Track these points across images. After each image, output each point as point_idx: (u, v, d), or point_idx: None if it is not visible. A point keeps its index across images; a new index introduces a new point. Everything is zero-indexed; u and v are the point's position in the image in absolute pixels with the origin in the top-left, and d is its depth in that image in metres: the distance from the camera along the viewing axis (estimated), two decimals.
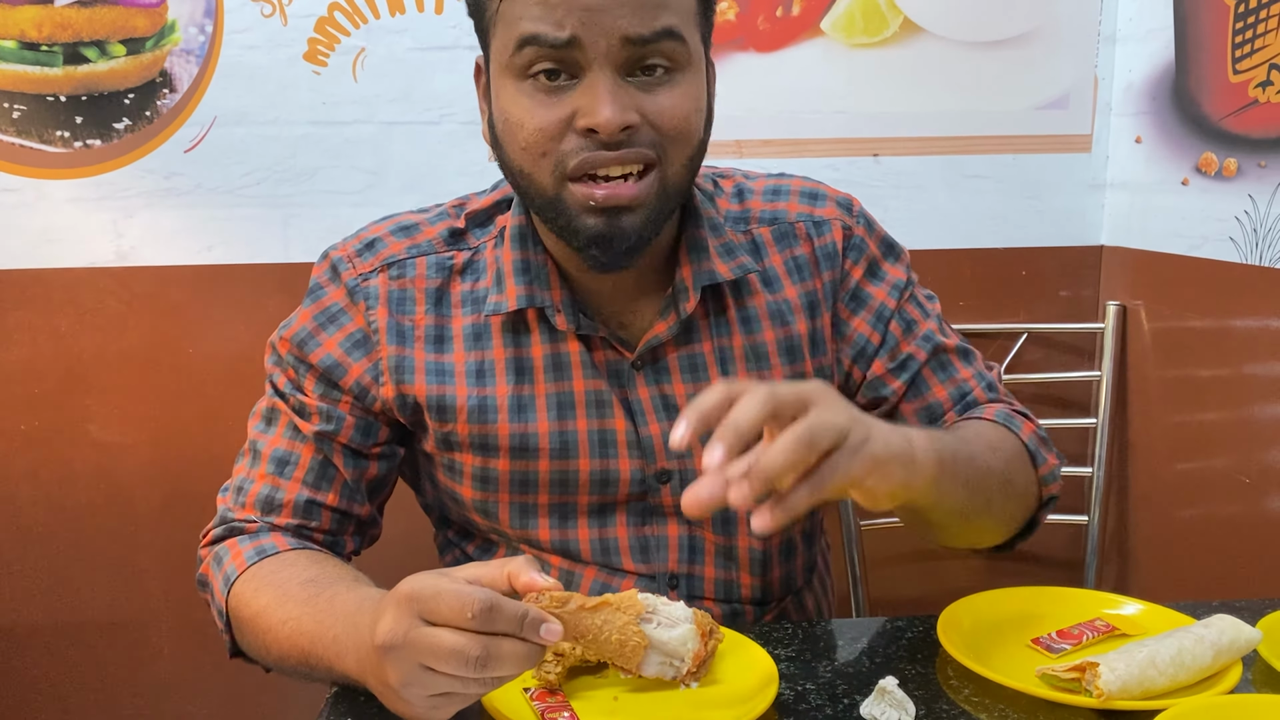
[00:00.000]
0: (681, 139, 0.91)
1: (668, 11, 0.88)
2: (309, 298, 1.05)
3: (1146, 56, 1.73)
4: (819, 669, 0.93)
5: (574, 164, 0.89)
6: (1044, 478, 1.07)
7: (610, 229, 0.91)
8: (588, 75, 0.87)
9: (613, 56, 0.87)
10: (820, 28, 1.76)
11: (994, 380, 1.12)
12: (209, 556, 1.02)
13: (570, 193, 0.90)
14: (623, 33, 0.86)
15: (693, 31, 0.91)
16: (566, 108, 0.88)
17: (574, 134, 0.89)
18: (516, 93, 0.90)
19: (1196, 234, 1.64)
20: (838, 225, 1.08)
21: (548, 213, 0.93)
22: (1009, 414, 1.08)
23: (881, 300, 1.08)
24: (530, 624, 0.69)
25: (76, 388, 1.75)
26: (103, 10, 1.65)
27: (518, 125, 0.90)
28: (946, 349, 1.10)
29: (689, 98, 0.91)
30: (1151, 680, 0.85)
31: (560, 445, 1.02)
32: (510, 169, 0.95)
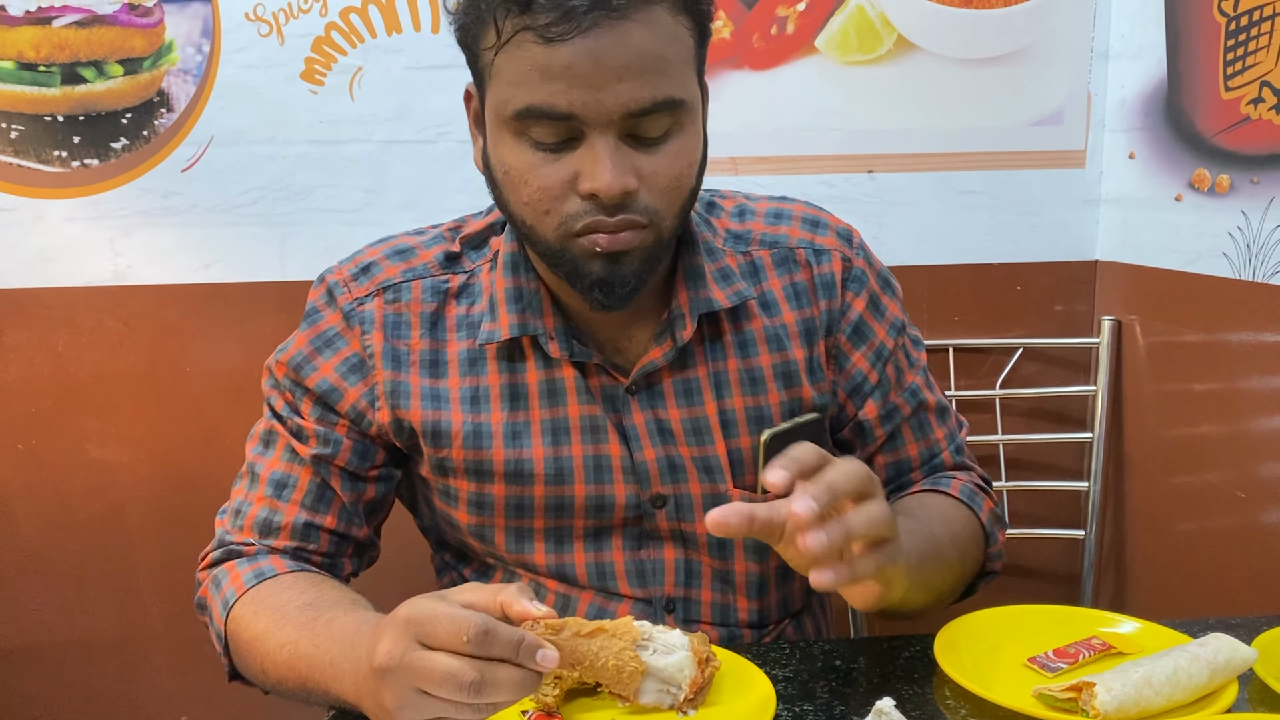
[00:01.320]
0: (674, 196, 0.92)
1: (666, 79, 0.87)
2: (305, 321, 1.06)
3: (1139, 73, 1.74)
4: (816, 690, 0.93)
5: (579, 226, 0.90)
6: (991, 555, 1.11)
7: (611, 275, 0.92)
8: (588, 139, 0.87)
9: (614, 126, 0.87)
10: (814, 45, 1.76)
11: (962, 443, 1.16)
12: (207, 580, 1.02)
13: (575, 244, 0.91)
14: (623, 108, 0.86)
15: (690, 81, 0.91)
16: (568, 168, 0.88)
17: (575, 195, 0.89)
18: (515, 147, 0.90)
19: (1190, 249, 1.65)
20: (837, 256, 1.09)
21: (551, 259, 0.94)
22: (972, 491, 1.10)
23: (881, 339, 1.09)
24: (526, 650, 0.69)
25: (74, 407, 1.75)
26: (100, 31, 1.66)
27: (519, 180, 0.90)
28: (927, 406, 1.13)
29: (684, 154, 0.91)
30: (1148, 700, 0.85)
31: (555, 471, 1.02)
32: (510, 214, 0.95)
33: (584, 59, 0.84)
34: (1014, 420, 1.86)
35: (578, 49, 0.83)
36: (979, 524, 1.08)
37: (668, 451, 1.03)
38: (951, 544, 1.02)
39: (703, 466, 1.04)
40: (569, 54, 0.84)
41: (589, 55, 0.84)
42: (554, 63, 0.84)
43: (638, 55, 0.85)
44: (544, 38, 0.84)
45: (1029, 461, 1.88)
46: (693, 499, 1.05)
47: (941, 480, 1.12)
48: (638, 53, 0.85)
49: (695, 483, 1.04)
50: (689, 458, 1.04)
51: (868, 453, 1.12)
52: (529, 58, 0.85)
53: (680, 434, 1.03)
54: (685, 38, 0.89)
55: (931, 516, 1.04)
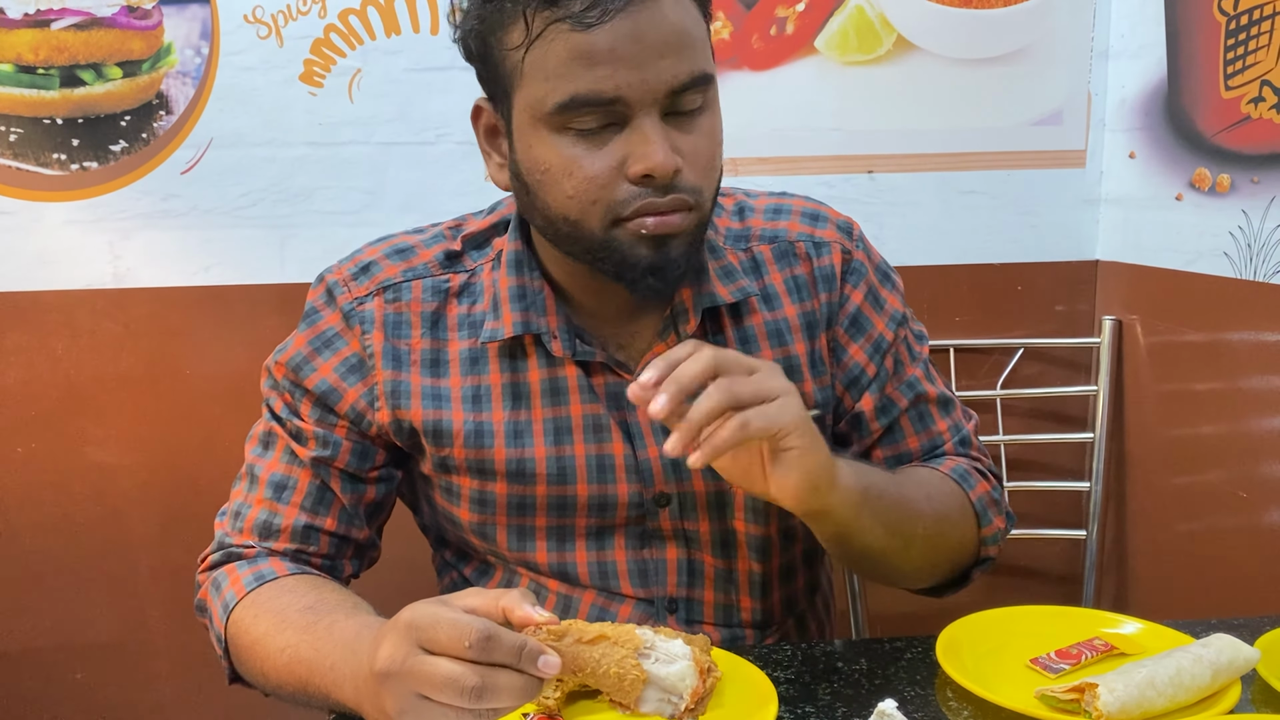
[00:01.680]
0: (712, 175, 0.94)
1: (697, 54, 0.89)
2: (304, 322, 1.05)
3: (1139, 73, 1.74)
4: (818, 691, 0.93)
5: (631, 209, 0.89)
6: (986, 538, 1.08)
7: (661, 259, 0.92)
8: (634, 121, 0.88)
9: (657, 104, 0.87)
10: (814, 46, 1.76)
11: (969, 434, 1.14)
12: (207, 582, 1.02)
13: (623, 230, 0.91)
14: (667, 85, 0.87)
15: (711, 60, 0.92)
16: (615, 154, 0.88)
17: (624, 181, 0.89)
18: (556, 143, 0.89)
19: (1191, 249, 1.65)
20: (837, 248, 1.08)
21: (597, 253, 0.93)
22: (966, 471, 1.09)
23: (880, 331, 1.09)
24: (528, 655, 0.69)
25: (74, 410, 1.75)
26: (99, 33, 1.65)
27: (563, 174, 0.90)
28: (927, 398, 1.11)
29: (715, 131, 0.93)
30: (1150, 701, 0.85)
31: (558, 470, 1.02)
32: (549, 216, 0.93)
33: (625, 40, 0.84)
34: (1015, 420, 1.86)
35: (617, 30, 0.84)
36: (966, 500, 1.06)
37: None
38: (925, 500, 1.01)
39: None
40: (610, 37, 0.84)
41: (630, 35, 0.84)
42: (597, 48, 0.84)
43: (674, 31, 0.86)
44: (582, 24, 0.84)
45: (1030, 462, 1.88)
46: (697, 497, 1.04)
47: (934, 461, 1.11)
48: (674, 28, 0.86)
49: (699, 480, 1.04)
50: None
51: (865, 445, 1.11)
52: (568, 47, 0.85)
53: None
54: (699, 19, 0.91)
55: (904, 475, 1.04)
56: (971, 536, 1.07)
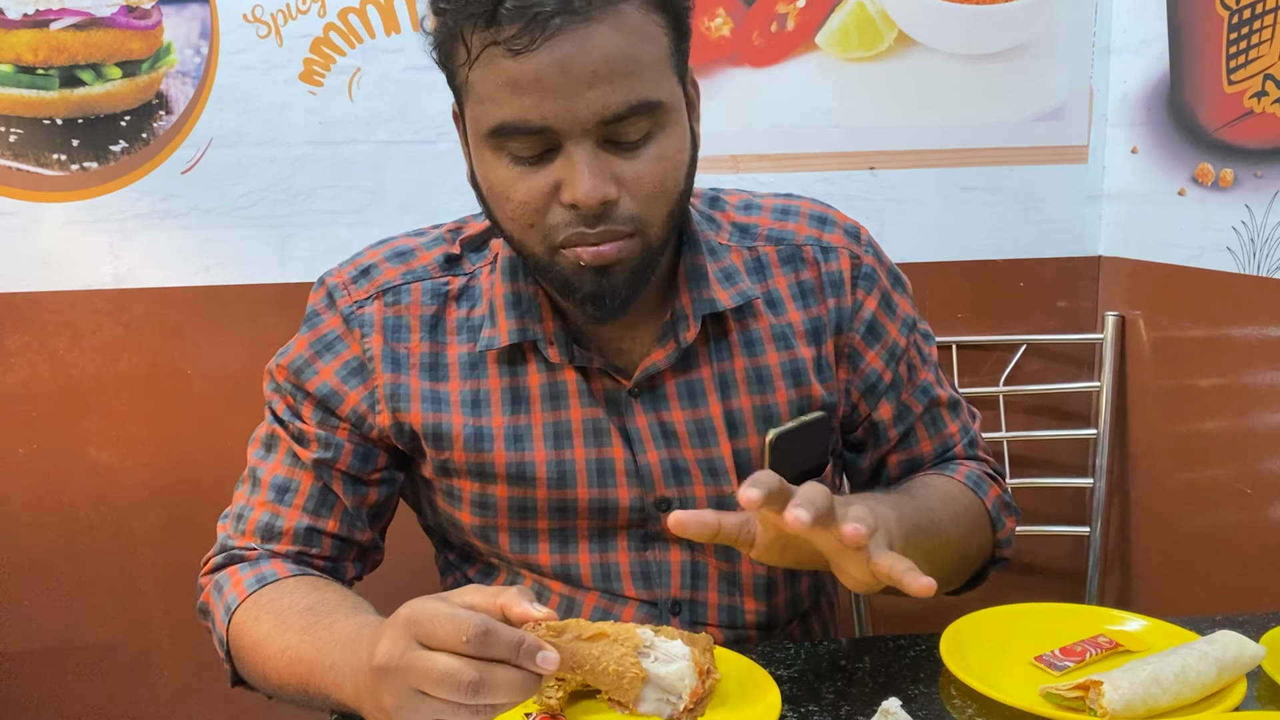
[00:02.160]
0: (659, 201, 0.90)
1: (639, 81, 0.85)
2: (305, 325, 1.05)
3: (1141, 68, 1.73)
4: (822, 690, 0.93)
5: (562, 238, 0.89)
6: (999, 541, 1.10)
7: (600, 288, 0.91)
8: (565, 149, 0.86)
9: (589, 134, 0.86)
10: (815, 42, 1.76)
11: (976, 436, 1.15)
12: (210, 585, 1.02)
13: (562, 257, 0.91)
14: (596, 116, 0.84)
15: (667, 79, 0.89)
16: (548, 178, 0.88)
17: (558, 206, 0.88)
18: (495, 161, 0.89)
19: (1194, 244, 1.64)
20: (845, 254, 1.07)
21: (541, 272, 0.94)
22: (979, 478, 1.10)
23: (894, 337, 1.08)
24: (526, 651, 0.69)
25: (75, 410, 1.74)
26: (98, 33, 1.65)
27: (502, 196, 0.90)
28: (939, 402, 1.12)
29: (666, 158, 0.89)
30: (1155, 698, 0.85)
31: (558, 475, 1.01)
32: (500, 229, 0.94)
33: (551, 69, 0.83)
34: (1018, 417, 1.86)
35: (544, 59, 0.82)
36: (984, 509, 1.08)
37: (671, 454, 1.03)
38: (951, 521, 1.01)
39: (707, 469, 1.03)
40: (536, 66, 0.83)
41: (556, 64, 0.82)
42: (523, 77, 0.83)
43: (605, 59, 0.83)
44: (511, 50, 0.82)
45: (1033, 458, 1.88)
46: (698, 502, 1.04)
47: (948, 467, 1.11)
48: (605, 57, 0.83)
49: (700, 485, 1.03)
50: (693, 460, 1.03)
51: (881, 453, 1.12)
52: (498, 73, 0.84)
53: (684, 436, 1.03)
54: (658, 36, 0.88)
55: (930, 494, 1.04)
56: (989, 543, 1.09)
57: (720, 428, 1.03)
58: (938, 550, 0.98)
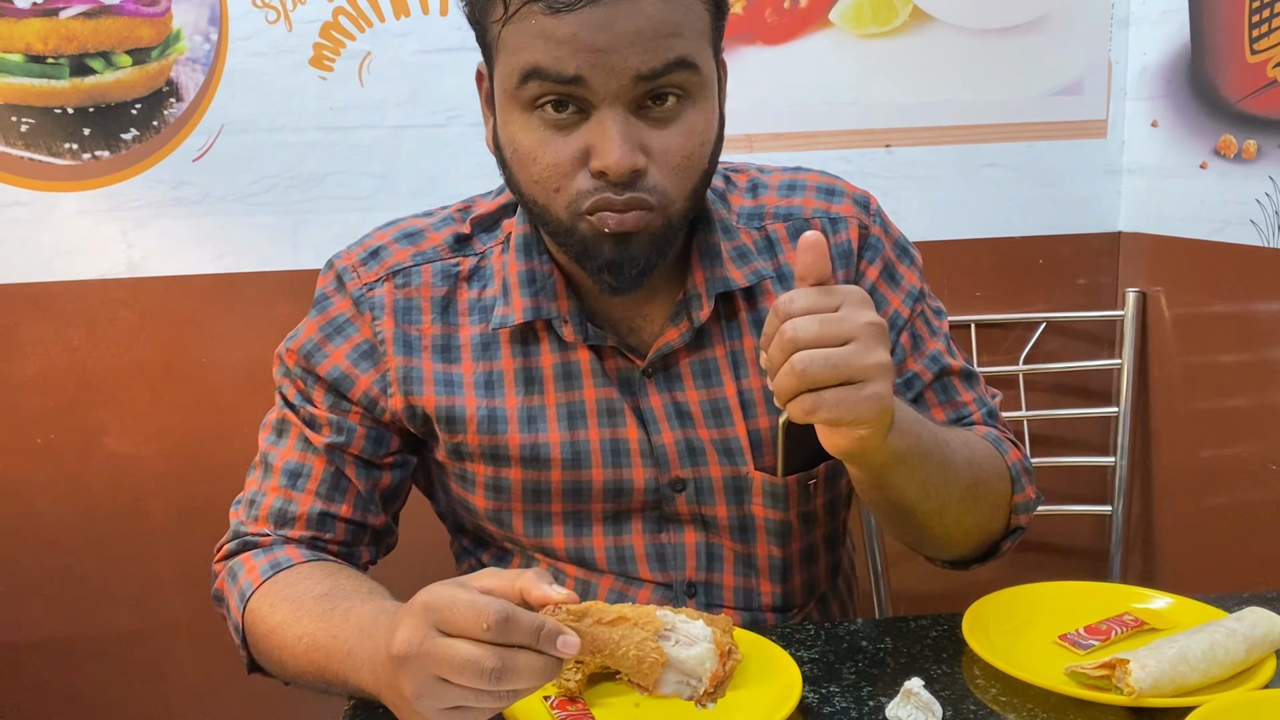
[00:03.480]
0: (685, 175, 0.90)
1: (680, 40, 0.85)
2: (315, 308, 1.04)
3: (1161, 39, 1.70)
4: (843, 671, 0.92)
5: (587, 204, 0.88)
6: (1017, 505, 1.05)
7: (620, 256, 0.90)
8: (597, 112, 0.85)
9: (623, 94, 0.84)
10: (829, 19, 1.74)
11: (995, 408, 1.11)
12: (223, 572, 1.01)
13: (585, 223, 0.89)
14: (633, 71, 0.84)
15: (704, 51, 0.88)
16: (578, 143, 0.86)
17: (586, 171, 0.87)
18: (525, 124, 0.88)
19: (1217, 218, 1.62)
20: (854, 223, 1.06)
21: (562, 238, 0.92)
22: (999, 438, 1.07)
23: (896, 308, 1.06)
24: (547, 636, 0.68)
25: (91, 400, 1.75)
26: (108, 21, 1.65)
27: (529, 158, 0.88)
28: (951, 371, 1.09)
29: (696, 131, 0.89)
30: (1184, 676, 0.83)
31: (572, 455, 1.00)
32: (521, 194, 0.93)
33: (593, 29, 0.82)
34: (1038, 396, 1.84)
35: (585, 18, 0.82)
36: (1003, 464, 1.03)
37: (686, 434, 1.02)
38: (964, 459, 0.97)
39: (722, 449, 1.02)
40: (576, 23, 0.82)
41: (599, 25, 0.82)
42: (562, 31, 0.82)
43: (650, 22, 0.83)
44: (550, 9, 0.82)
45: (1054, 437, 1.86)
46: (713, 482, 1.03)
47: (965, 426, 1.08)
48: (650, 19, 0.83)
49: (715, 465, 1.02)
50: (708, 440, 1.02)
51: None
52: (536, 28, 0.83)
53: (699, 416, 1.02)
54: (699, 9, 0.87)
55: (947, 430, 1.00)
56: (1005, 501, 1.04)
57: (735, 407, 1.01)
58: (943, 480, 0.94)
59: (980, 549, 1.06)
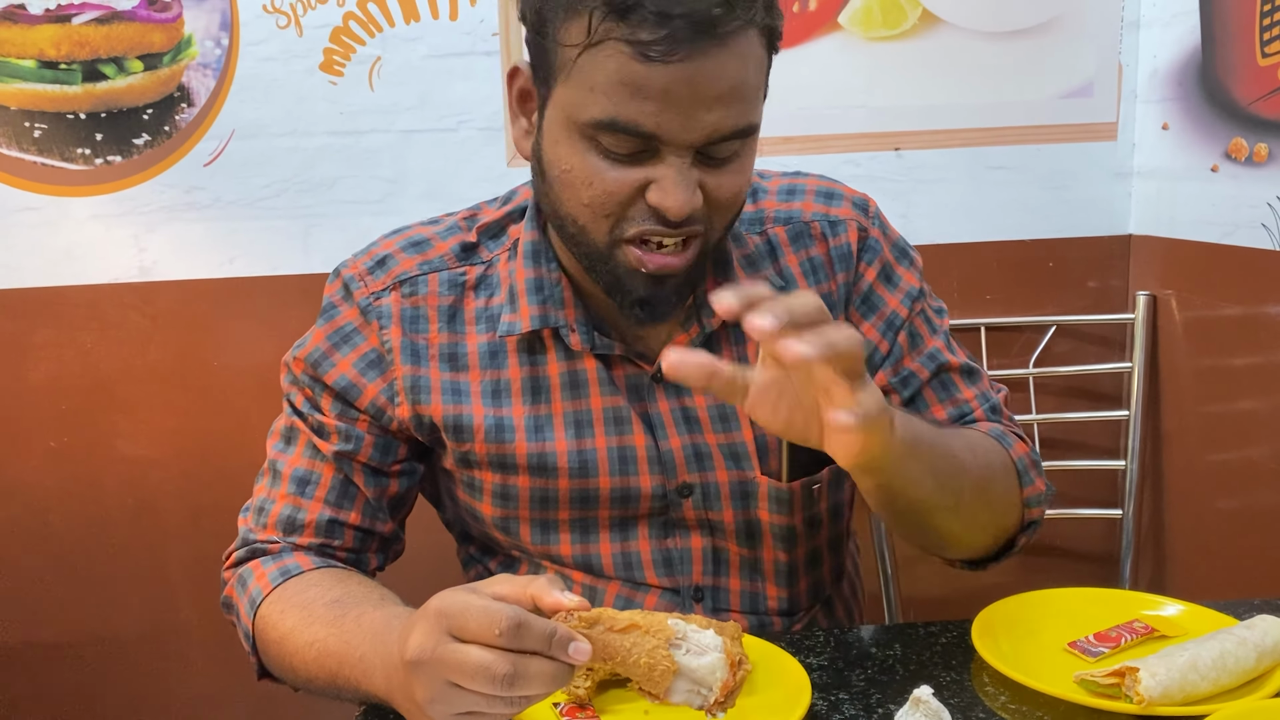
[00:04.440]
0: (731, 209, 0.92)
1: (749, 107, 0.86)
2: (322, 317, 1.04)
3: (1172, 41, 1.70)
4: (852, 678, 0.92)
5: (634, 231, 0.88)
6: (1028, 499, 1.04)
7: (653, 295, 0.91)
8: (664, 156, 0.85)
9: (693, 148, 0.85)
10: (838, 22, 1.74)
11: (999, 403, 1.10)
12: (233, 579, 1.02)
13: (624, 252, 0.90)
14: (708, 136, 0.84)
15: (761, 104, 0.89)
16: (638, 175, 0.86)
17: (641, 202, 0.87)
18: (583, 151, 0.87)
19: (1228, 221, 1.61)
20: (853, 226, 1.06)
21: (596, 264, 0.92)
22: (1002, 432, 1.06)
23: (894, 308, 1.06)
24: (559, 642, 0.68)
25: (103, 404, 1.76)
26: (120, 27, 1.65)
27: (582, 182, 0.88)
28: (950, 368, 1.08)
29: (744, 171, 0.91)
30: (1194, 685, 0.83)
31: (579, 464, 1.01)
32: (560, 213, 0.92)
33: (680, 85, 0.82)
34: (1048, 399, 1.83)
35: (675, 73, 0.81)
36: (1009, 459, 1.03)
37: (694, 440, 1.02)
38: (969, 451, 0.97)
39: (729, 454, 1.02)
40: (665, 77, 0.81)
41: (686, 81, 0.82)
42: (650, 84, 0.82)
43: (730, 86, 0.83)
44: (642, 55, 0.81)
45: (1064, 440, 1.85)
46: (719, 487, 1.03)
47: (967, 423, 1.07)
48: (731, 83, 0.83)
49: (722, 470, 1.02)
50: (715, 445, 1.02)
51: None
52: (621, 70, 0.82)
53: (707, 421, 1.02)
54: (762, 59, 0.88)
55: (947, 431, 1.00)
56: (1015, 495, 1.03)
57: (742, 412, 1.01)
58: (951, 474, 0.93)
59: (996, 546, 1.05)
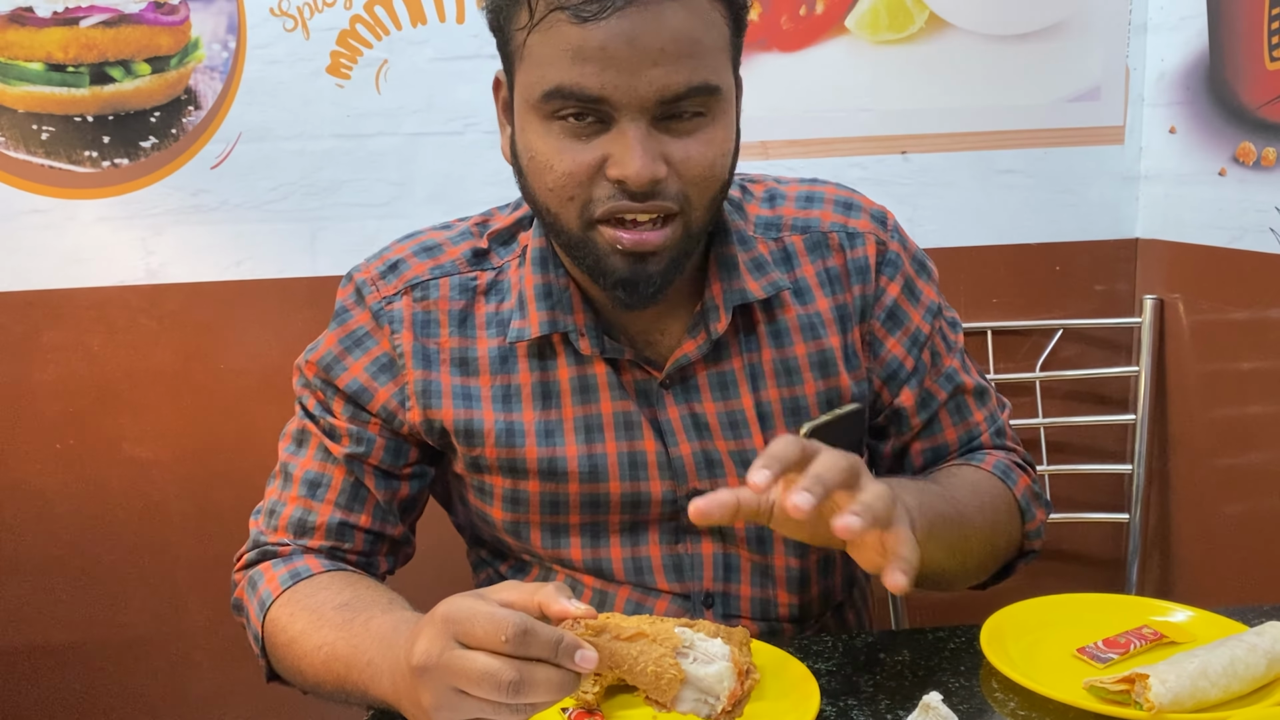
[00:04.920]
0: (706, 185, 0.90)
1: (701, 64, 0.85)
2: (335, 321, 1.05)
3: (1180, 45, 1.70)
4: (861, 684, 0.92)
5: (601, 211, 0.88)
6: (1029, 533, 1.07)
7: (635, 274, 0.91)
8: (618, 124, 0.86)
9: (645, 110, 0.85)
10: (845, 25, 1.74)
11: (1003, 425, 1.12)
12: (243, 581, 1.02)
13: (599, 234, 0.90)
14: (656, 93, 0.84)
15: (725, 68, 0.89)
16: (596, 152, 0.87)
17: (603, 179, 0.88)
18: (544, 132, 0.88)
19: (1235, 225, 1.61)
20: (871, 239, 1.06)
21: (574, 251, 0.93)
22: (1007, 467, 1.07)
23: (917, 324, 1.07)
24: (565, 650, 0.68)
25: (110, 406, 1.76)
26: (127, 30, 1.66)
27: (545, 166, 0.89)
28: (965, 389, 1.10)
29: (716, 143, 0.90)
30: (1204, 692, 0.83)
31: (590, 469, 1.01)
32: (535, 203, 0.94)
33: (618, 40, 0.82)
34: (1055, 403, 1.83)
35: (612, 29, 0.82)
36: (1013, 498, 1.05)
37: (704, 446, 1.02)
38: (978, 511, 1.00)
39: (740, 461, 1.02)
40: (603, 35, 0.82)
41: (623, 36, 0.82)
42: (588, 44, 0.83)
43: (674, 38, 0.83)
44: (578, 17, 0.82)
45: (1071, 444, 1.85)
46: None
47: (975, 457, 1.09)
48: (674, 35, 0.83)
49: (733, 478, 1.02)
50: (726, 452, 1.02)
51: (904, 440, 1.10)
52: (562, 38, 0.84)
53: (717, 428, 1.02)
54: (720, 24, 0.88)
55: (956, 483, 1.02)
56: (1018, 534, 1.07)
57: (753, 419, 1.02)
58: (962, 542, 0.96)
59: (995, 576, 1.09)
